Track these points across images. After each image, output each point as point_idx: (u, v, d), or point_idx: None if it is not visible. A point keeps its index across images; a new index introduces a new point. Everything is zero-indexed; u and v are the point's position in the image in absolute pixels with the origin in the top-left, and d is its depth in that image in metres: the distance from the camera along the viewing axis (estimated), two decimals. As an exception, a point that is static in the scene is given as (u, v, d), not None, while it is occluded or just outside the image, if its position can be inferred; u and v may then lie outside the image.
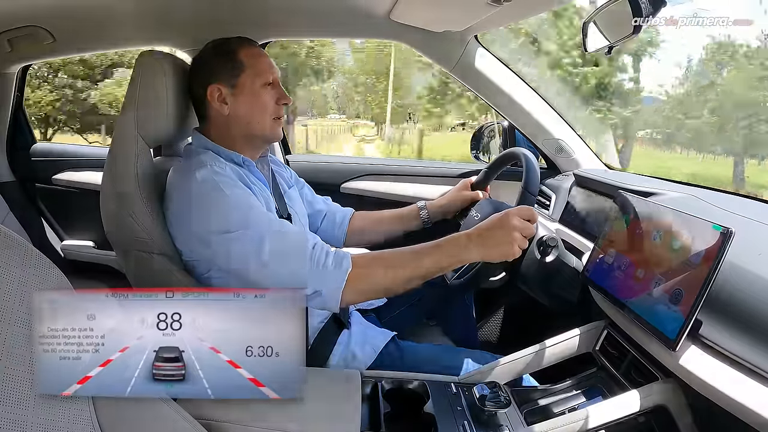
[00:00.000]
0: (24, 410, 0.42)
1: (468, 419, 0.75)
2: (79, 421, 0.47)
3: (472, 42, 1.29)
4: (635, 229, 0.79)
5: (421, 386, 0.81)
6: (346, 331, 0.99)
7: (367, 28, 1.31)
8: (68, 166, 1.72)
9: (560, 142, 1.35)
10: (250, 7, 1.23)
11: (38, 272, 0.48)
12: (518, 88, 1.33)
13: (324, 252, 0.80)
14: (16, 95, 1.68)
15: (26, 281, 0.46)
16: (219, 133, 0.93)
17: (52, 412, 0.45)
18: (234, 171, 0.87)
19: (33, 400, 0.43)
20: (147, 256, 0.87)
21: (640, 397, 0.71)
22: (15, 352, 0.43)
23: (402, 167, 1.60)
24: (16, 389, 0.42)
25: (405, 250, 0.82)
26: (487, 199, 1.14)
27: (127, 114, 0.90)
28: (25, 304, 0.46)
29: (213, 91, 0.91)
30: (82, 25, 1.33)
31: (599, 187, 1.12)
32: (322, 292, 0.79)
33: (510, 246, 0.80)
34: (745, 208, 0.84)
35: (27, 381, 0.43)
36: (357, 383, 0.79)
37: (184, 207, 0.85)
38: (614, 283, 0.79)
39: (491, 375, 0.86)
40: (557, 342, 0.87)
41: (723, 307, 0.62)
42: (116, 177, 0.88)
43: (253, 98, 0.92)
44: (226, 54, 0.92)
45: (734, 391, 0.55)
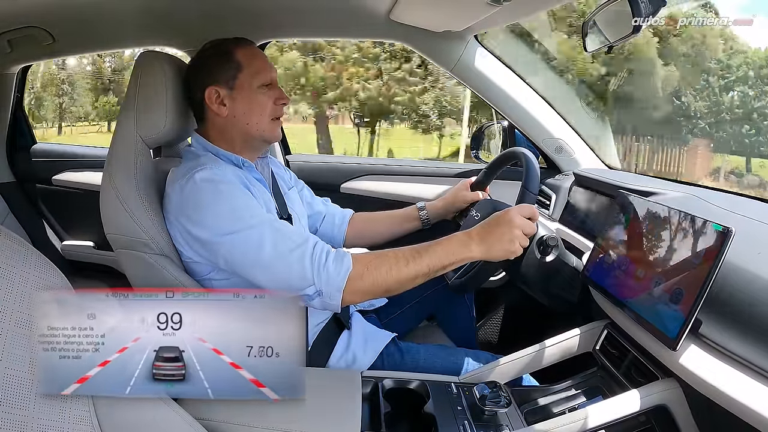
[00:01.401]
0: (24, 410, 0.42)
1: (468, 419, 0.75)
2: (79, 421, 0.47)
3: (472, 42, 1.29)
4: (635, 228, 0.79)
5: (422, 386, 0.81)
6: (346, 331, 0.98)
7: (367, 28, 1.31)
8: (68, 167, 1.72)
9: (560, 141, 1.35)
10: (250, 7, 1.23)
11: (38, 272, 0.48)
12: (518, 88, 1.33)
13: (324, 252, 0.80)
14: (15, 95, 1.69)
15: (26, 281, 0.46)
16: (218, 135, 0.93)
17: (52, 412, 0.45)
18: (233, 172, 0.87)
19: (33, 400, 0.43)
20: (147, 256, 0.87)
21: (640, 396, 0.71)
22: (15, 352, 0.43)
23: (402, 167, 1.60)
24: (17, 389, 0.42)
25: (406, 249, 0.82)
26: (487, 199, 1.14)
27: (126, 114, 0.90)
28: (25, 304, 0.46)
29: (211, 93, 0.91)
30: (81, 26, 1.33)
31: (599, 187, 1.12)
32: (323, 291, 0.79)
33: (512, 244, 0.80)
34: (745, 208, 0.84)
35: (27, 380, 0.43)
36: (357, 383, 0.79)
37: (184, 208, 0.84)
38: (614, 283, 0.79)
39: (491, 375, 0.86)
40: (557, 342, 0.88)
41: (723, 306, 0.62)
42: (116, 178, 0.88)
43: (251, 99, 0.92)
44: (223, 55, 0.92)
45: (734, 390, 0.55)
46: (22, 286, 0.46)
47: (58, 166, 1.72)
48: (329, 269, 0.78)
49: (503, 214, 0.82)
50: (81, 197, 1.70)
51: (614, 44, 0.97)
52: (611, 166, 1.38)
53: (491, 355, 0.98)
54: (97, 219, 0.92)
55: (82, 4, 1.21)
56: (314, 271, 0.78)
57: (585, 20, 1.02)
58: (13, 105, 1.69)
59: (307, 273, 0.78)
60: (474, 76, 1.32)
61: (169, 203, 0.88)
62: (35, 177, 1.75)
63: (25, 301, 0.47)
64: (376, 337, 0.99)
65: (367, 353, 0.95)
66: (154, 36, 1.36)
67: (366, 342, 0.97)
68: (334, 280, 0.78)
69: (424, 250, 0.81)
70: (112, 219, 0.89)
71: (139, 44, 1.42)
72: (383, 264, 0.80)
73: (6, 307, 0.44)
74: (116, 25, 1.31)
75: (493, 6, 0.93)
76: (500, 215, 0.82)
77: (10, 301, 0.45)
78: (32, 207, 1.77)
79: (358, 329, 1.00)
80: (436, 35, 1.27)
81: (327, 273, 0.78)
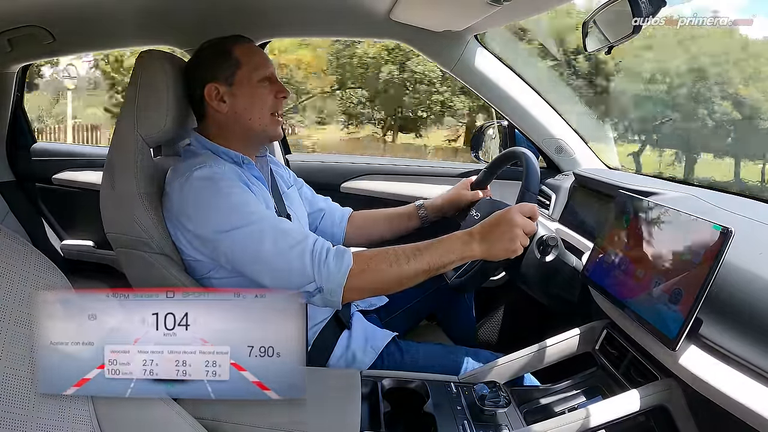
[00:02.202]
0: (24, 410, 0.42)
1: (468, 419, 0.75)
2: (79, 421, 0.47)
3: (472, 41, 1.29)
4: (635, 228, 0.79)
5: (421, 386, 0.81)
6: (346, 331, 0.98)
7: (367, 27, 1.31)
8: (68, 166, 1.72)
9: (560, 141, 1.35)
10: (250, 6, 1.23)
11: (38, 272, 0.48)
12: (518, 88, 1.33)
13: (325, 248, 0.80)
14: (15, 95, 1.69)
15: (26, 281, 0.46)
16: (218, 132, 0.93)
17: (52, 412, 0.45)
18: (233, 170, 0.87)
19: (33, 400, 0.43)
20: (147, 256, 0.87)
21: (639, 396, 0.71)
22: (15, 352, 0.43)
23: (402, 167, 1.60)
24: (17, 389, 0.42)
25: (407, 246, 0.82)
26: (487, 199, 1.14)
27: (127, 113, 0.90)
28: (24, 304, 0.46)
29: (210, 90, 0.91)
30: (82, 25, 1.33)
31: (599, 187, 1.12)
32: (323, 288, 0.78)
33: (513, 242, 0.80)
34: (745, 208, 0.84)
35: (27, 380, 0.43)
36: (357, 383, 0.79)
37: (184, 206, 0.84)
38: (614, 283, 0.79)
39: (491, 374, 0.86)
40: (557, 341, 0.88)
41: (723, 306, 0.62)
42: (116, 177, 0.88)
43: (251, 94, 0.92)
44: (222, 53, 0.92)
45: (734, 390, 0.55)
46: (22, 286, 0.46)
47: (58, 165, 1.72)
48: (330, 265, 0.78)
49: (504, 213, 0.82)
50: (81, 196, 1.70)
51: (614, 44, 0.97)
52: (611, 166, 1.38)
53: (491, 353, 0.98)
54: (97, 218, 0.92)
55: (82, 3, 1.21)
56: (315, 267, 0.78)
57: (585, 20, 1.02)
58: (13, 104, 1.68)
59: (307, 269, 0.78)
60: (474, 76, 1.32)
61: (168, 202, 0.88)
62: (35, 176, 1.75)
63: (24, 300, 0.47)
64: (376, 336, 0.99)
65: (367, 353, 0.95)
66: (154, 35, 1.36)
67: (366, 342, 0.97)
68: (335, 277, 0.78)
69: (425, 248, 0.81)
70: (112, 218, 0.89)
71: (139, 43, 1.41)
72: (384, 261, 0.80)
73: (6, 306, 0.44)
74: (116, 24, 1.30)
75: (493, 6, 0.93)
76: (501, 214, 0.82)
77: (10, 301, 0.45)
78: (32, 206, 1.77)
79: (358, 329, 1.00)
80: (436, 35, 1.27)
81: (327, 269, 0.78)
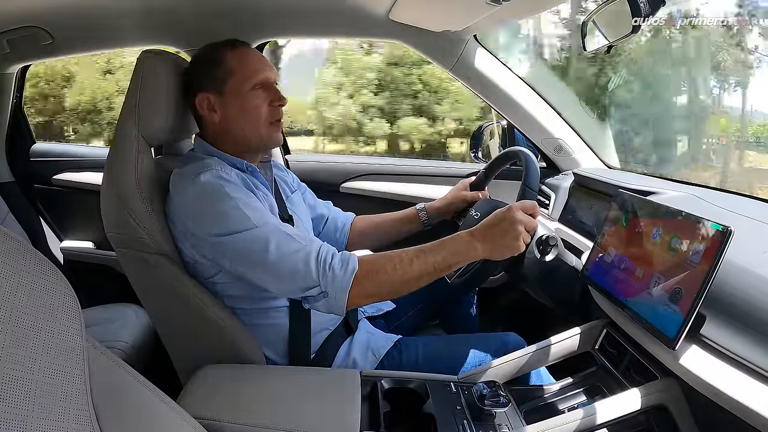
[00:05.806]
0: (24, 409, 0.42)
1: (467, 418, 0.75)
2: (78, 421, 0.47)
3: (472, 42, 1.29)
4: (635, 228, 0.79)
5: (421, 386, 0.81)
6: (349, 337, 0.97)
7: (366, 27, 1.31)
8: (68, 167, 1.72)
9: (560, 141, 1.35)
10: (249, 7, 1.23)
11: (38, 273, 0.47)
12: (517, 88, 1.33)
13: (330, 253, 0.80)
14: (15, 95, 1.68)
15: (26, 282, 0.46)
16: (216, 141, 0.93)
17: (52, 412, 0.45)
18: (238, 176, 0.86)
19: (33, 400, 0.43)
20: (147, 256, 0.87)
21: (639, 396, 0.71)
22: (15, 353, 0.43)
23: (402, 167, 1.61)
24: (17, 389, 0.42)
25: (410, 250, 0.81)
26: (487, 199, 1.14)
27: (127, 113, 0.90)
28: (25, 305, 0.46)
29: (201, 100, 0.90)
30: (81, 25, 1.33)
31: (599, 187, 1.12)
32: (328, 293, 0.78)
33: (515, 240, 0.80)
34: (745, 208, 0.84)
35: (27, 381, 0.43)
36: (356, 383, 0.79)
37: (188, 209, 0.84)
38: (614, 282, 0.79)
39: (491, 374, 0.86)
40: (557, 341, 0.88)
41: (723, 306, 0.62)
42: (116, 177, 0.88)
43: (243, 104, 0.90)
44: (212, 61, 0.91)
45: (734, 390, 0.55)
46: (22, 287, 0.46)
47: (57, 166, 1.72)
48: (335, 270, 0.78)
49: (505, 211, 0.82)
50: (81, 197, 1.70)
51: (614, 44, 0.97)
52: (611, 165, 1.38)
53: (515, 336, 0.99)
54: (97, 219, 0.92)
55: (82, 3, 1.21)
56: (320, 271, 0.78)
57: (584, 20, 1.02)
58: (12, 105, 1.68)
59: (312, 273, 0.77)
60: (473, 76, 1.32)
61: (173, 205, 0.87)
62: (35, 177, 1.75)
63: (24, 301, 0.47)
64: (378, 342, 0.97)
65: (369, 359, 0.94)
66: (154, 36, 1.36)
67: (368, 347, 0.96)
68: (340, 281, 0.77)
69: (429, 250, 0.81)
70: (113, 218, 0.89)
71: (139, 43, 1.41)
72: (388, 264, 0.79)
73: (5, 306, 0.44)
74: (116, 24, 1.30)
75: (492, 6, 0.93)
76: (502, 212, 0.82)
77: (10, 301, 0.45)
78: (32, 207, 1.76)
79: (362, 335, 0.98)
80: (436, 35, 1.27)
81: (333, 273, 0.77)
